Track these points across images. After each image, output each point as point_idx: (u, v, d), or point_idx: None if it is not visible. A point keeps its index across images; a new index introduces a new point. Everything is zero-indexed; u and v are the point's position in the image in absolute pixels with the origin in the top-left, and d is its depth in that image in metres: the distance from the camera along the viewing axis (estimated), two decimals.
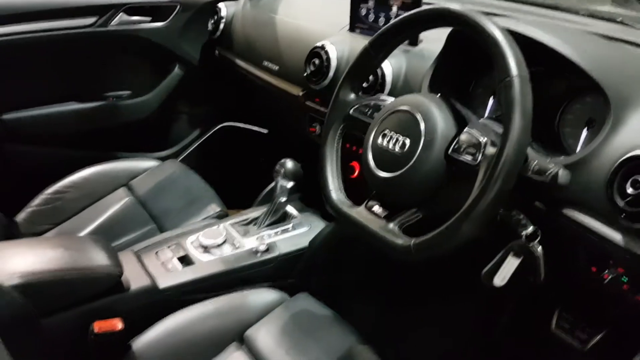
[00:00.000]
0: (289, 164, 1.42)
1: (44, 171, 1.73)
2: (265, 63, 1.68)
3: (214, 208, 1.61)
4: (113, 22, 1.87)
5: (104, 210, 1.65)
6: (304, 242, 1.40)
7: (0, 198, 1.54)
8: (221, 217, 1.58)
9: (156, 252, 1.36)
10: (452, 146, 0.92)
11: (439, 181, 0.93)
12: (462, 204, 0.86)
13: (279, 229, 1.44)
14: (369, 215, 1.00)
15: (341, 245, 1.40)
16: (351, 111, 1.11)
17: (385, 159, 0.98)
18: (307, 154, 1.59)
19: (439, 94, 1.02)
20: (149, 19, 1.93)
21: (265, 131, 2.23)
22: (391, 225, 0.96)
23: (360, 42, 1.38)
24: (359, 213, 1.02)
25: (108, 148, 2.00)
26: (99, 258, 1.18)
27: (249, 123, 2.23)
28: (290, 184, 1.42)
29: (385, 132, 0.99)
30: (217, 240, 1.35)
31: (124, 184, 1.75)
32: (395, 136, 0.97)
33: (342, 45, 1.42)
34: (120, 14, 1.87)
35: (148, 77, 2.04)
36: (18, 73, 1.82)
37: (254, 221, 1.48)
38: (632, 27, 1.17)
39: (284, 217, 1.48)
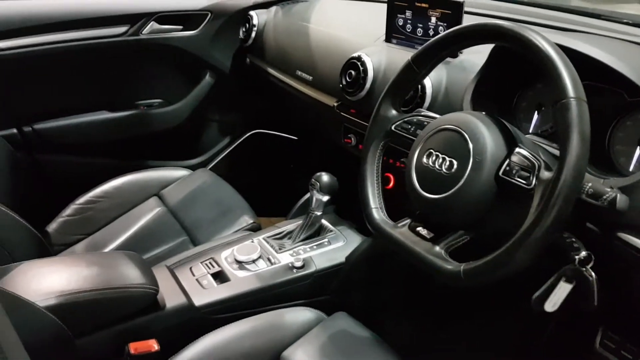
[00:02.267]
0: (325, 177, 1.39)
1: (75, 181, 1.73)
2: (299, 73, 1.65)
3: (247, 220, 1.58)
4: (144, 31, 1.86)
5: (135, 221, 1.64)
6: (340, 257, 1.37)
7: (32, 208, 1.52)
8: (254, 229, 1.56)
9: (190, 268, 1.34)
10: (502, 167, 0.88)
11: (488, 204, 0.90)
12: (512, 227, 0.83)
13: (314, 244, 1.41)
14: (414, 237, 0.97)
15: (379, 261, 1.37)
16: (392, 127, 1.08)
17: (430, 179, 0.94)
18: (341, 163, 1.56)
19: (484, 112, 0.98)
20: (180, 27, 1.92)
21: (295, 138, 2.22)
22: (437, 248, 0.92)
23: (397, 53, 1.37)
24: (403, 234, 0.98)
25: (139, 157, 2.00)
26: (134, 276, 1.16)
27: (279, 130, 2.21)
28: (326, 198, 1.39)
29: (431, 151, 0.95)
30: (252, 255, 1.33)
31: (155, 194, 1.75)
32: (441, 156, 0.93)
33: (378, 57, 1.38)
34: (152, 22, 1.87)
35: (179, 86, 2.03)
36: (50, 82, 1.82)
37: (288, 235, 1.45)
38: None
39: (319, 231, 1.45)
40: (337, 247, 1.41)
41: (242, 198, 1.71)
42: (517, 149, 0.89)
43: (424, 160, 0.96)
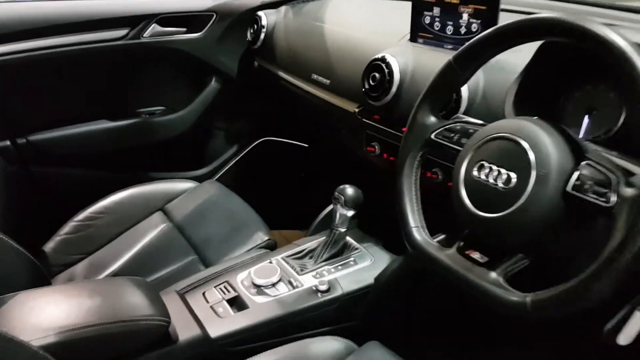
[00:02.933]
0: (350, 190, 1.27)
1: (74, 195, 1.61)
2: (314, 76, 1.54)
3: (261, 237, 1.46)
4: (146, 34, 1.76)
5: (139, 238, 1.53)
6: (369, 279, 1.25)
7: (27, 226, 1.44)
8: (270, 247, 1.44)
9: (203, 293, 1.22)
10: (570, 182, 0.76)
11: (553, 224, 0.78)
12: (583, 250, 0.74)
13: (339, 264, 1.29)
14: (465, 262, 0.86)
15: (412, 281, 1.25)
16: (432, 135, 0.96)
17: (484, 195, 0.83)
18: (361, 174, 1.45)
19: (536, 116, 0.87)
20: (183, 29, 1.82)
21: (305, 145, 2.12)
22: (494, 274, 0.81)
23: (425, 53, 1.26)
24: (451, 258, 0.87)
25: (141, 168, 1.91)
26: (142, 306, 1.04)
27: (288, 138, 2.12)
28: (351, 213, 1.27)
29: (483, 163, 0.84)
30: (272, 278, 1.21)
31: (159, 208, 1.63)
32: (495, 168, 0.82)
33: (404, 57, 1.27)
34: (153, 25, 1.77)
35: (183, 92, 1.93)
36: (45, 90, 1.73)
37: (309, 254, 1.34)
38: None
39: (343, 249, 1.33)
40: (364, 267, 1.29)
41: (254, 212, 1.59)
42: (586, 161, 0.77)
43: (475, 173, 0.84)
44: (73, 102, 1.77)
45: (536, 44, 1.01)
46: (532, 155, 0.78)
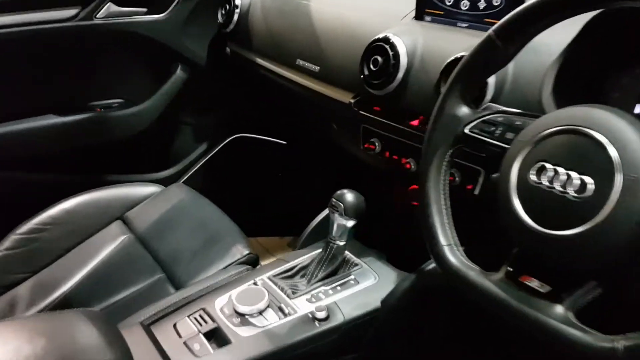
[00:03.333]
0: (350, 196, 1.07)
1: (16, 204, 1.44)
2: (300, 63, 1.34)
3: (241, 250, 1.26)
4: (99, 15, 1.55)
5: (94, 253, 1.34)
6: (374, 302, 1.06)
7: None
8: (252, 262, 1.24)
9: (174, 325, 1.01)
10: None
11: None
12: None
13: (338, 284, 1.09)
14: (519, 291, 0.67)
15: (427, 306, 1.05)
16: (467, 129, 0.77)
17: (548, 207, 0.64)
18: (357, 175, 1.26)
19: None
20: (144, 10, 1.62)
21: (283, 143, 1.95)
22: (560, 309, 0.63)
23: (437, 32, 1.09)
24: (500, 286, 0.69)
25: (95, 171, 1.72)
26: (97, 348, 0.81)
27: (265, 134, 1.95)
28: (351, 223, 1.07)
29: (544, 164, 0.65)
30: (258, 304, 1.00)
31: (118, 217, 1.45)
32: (563, 172, 0.63)
33: (411, 37, 1.08)
34: (109, 4, 1.55)
35: (144, 82, 1.74)
36: None
37: (301, 272, 1.13)
38: None
39: (341, 265, 1.13)
40: (367, 287, 1.09)
41: (230, 220, 1.40)
42: None
43: (533, 177, 0.66)
44: (13, 94, 1.56)
45: (581, 19, 0.84)
46: (614, 153, 0.60)
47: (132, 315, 1.07)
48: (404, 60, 1.06)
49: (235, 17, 1.59)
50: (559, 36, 0.86)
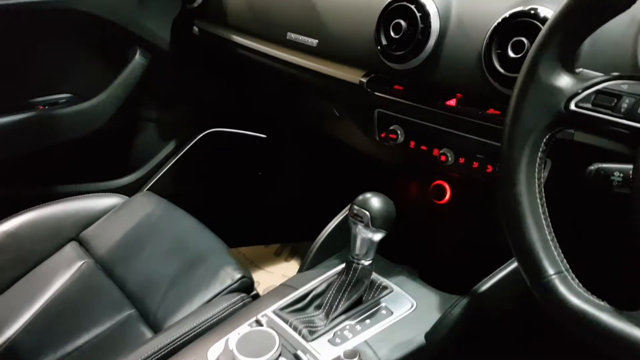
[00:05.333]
0: (377, 202, 0.83)
1: None
2: (293, 37, 1.11)
3: (231, 274, 1.03)
4: None
5: (45, 286, 1.14)
6: (417, 336, 0.83)
7: None
8: (246, 288, 1.01)
9: None
10: None
11: None
12: None
13: (366, 316, 0.86)
14: None
15: (484, 337, 0.83)
16: (573, 105, 0.55)
17: None
18: (359, 169, 1.06)
19: None
20: None
21: (263, 136, 1.78)
22: None
23: None
24: None
25: (42, 182, 1.54)
26: None
27: (241, 127, 1.77)
28: (378, 236, 0.84)
29: None
30: (268, 355, 0.75)
31: (72, 238, 1.26)
32: None
33: None
34: None
35: (96, 72, 1.54)
36: None
37: (315, 301, 0.89)
38: None
39: (365, 290, 0.89)
40: (405, 318, 0.86)
41: (213, 235, 1.18)
42: None
43: None
44: None
45: None
46: None
47: None
48: (435, 24, 0.86)
49: None
50: None
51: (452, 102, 0.86)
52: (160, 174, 1.69)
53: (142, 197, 1.35)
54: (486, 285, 0.81)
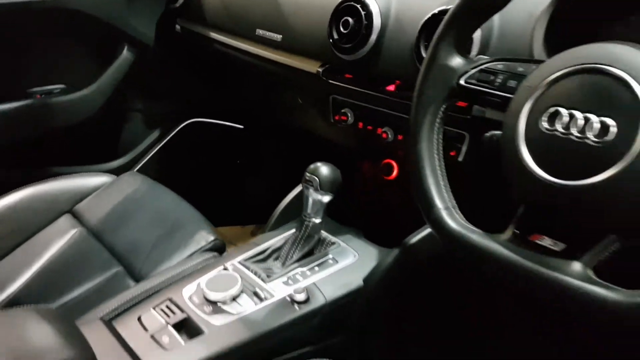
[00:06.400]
0: (325, 169, 0.99)
1: None
2: (260, 32, 1.25)
3: (205, 237, 1.17)
4: None
5: (42, 250, 1.23)
6: (356, 281, 0.99)
7: None
8: (218, 248, 1.15)
9: (139, 318, 0.92)
10: None
11: None
12: None
13: (315, 264, 1.02)
14: (530, 251, 0.61)
15: (413, 283, 0.99)
16: (462, 81, 0.71)
17: (563, 155, 0.59)
18: (323, 153, 1.20)
19: None
20: None
21: (241, 127, 1.87)
22: (578, 266, 0.57)
23: None
24: (509, 247, 0.62)
25: (38, 163, 1.61)
26: (54, 347, 0.72)
27: (221, 118, 1.86)
28: (327, 198, 1.00)
29: (558, 109, 0.59)
30: (231, 291, 0.91)
31: (67, 211, 1.34)
32: (581, 115, 0.57)
33: None
34: None
35: (87, 65, 1.62)
36: None
37: (274, 254, 1.05)
38: None
39: (317, 245, 1.05)
40: (348, 266, 1.02)
41: (190, 206, 1.31)
42: None
43: (545, 124, 0.60)
44: None
45: None
46: None
47: (90, 312, 0.97)
48: (377, 21, 1.01)
49: None
50: None
51: (391, 88, 1.01)
52: (146, 159, 1.77)
53: (128, 176, 1.44)
54: (414, 239, 0.96)
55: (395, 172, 1.20)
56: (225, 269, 1.00)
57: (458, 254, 0.68)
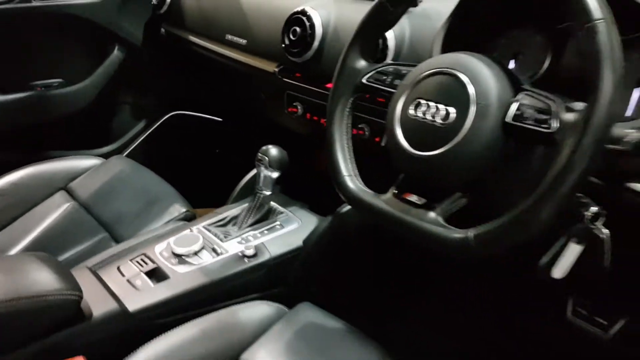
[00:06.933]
0: (274, 150, 1.21)
1: None
2: (229, 37, 1.46)
3: (178, 209, 1.37)
4: None
5: (40, 220, 1.40)
6: (297, 242, 1.20)
7: None
8: (189, 218, 1.35)
9: (118, 267, 1.12)
10: (510, 112, 0.74)
11: (493, 157, 0.75)
12: (521, 184, 0.73)
13: (265, 228, 1.23)
14: (402, 205, 0.82)
15: (341, 243, 1.20)
16: (364, 80, 0.92)
17: (421, 134, 0.79)
18: (282, 139, 1.40)
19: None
20: None
21: (219, 120, 2.04)
22: (432, 214, 0.78)
23: (348, 5, 1.24)
24: (388, 203, 0.83)
25: (37, 147, 1.76)
26: (50, 281, 0.92)
27: (201, 111, 2.02)
28: (275, 174, 1.21)
29: (419, 101, 0.80)
30: (193, 247, 1.12)
31: (61, 187, 1.51)
32: (433, 105, 0.78)
33: (326, 10, 1.23)
34: None
35: (82, 62, 1.79)
36: None
37: (233, 221, 1.26)
38: None
39: (268, 214, 1.27)
40: (291, 230, 1.23)
41: (168, 184, 1.49)
42: (525, 92, 0.75)
43: (411, 112, 0.81)
44: None
45: None
46: (471, 88, 0.75)
47: (80, 264, 1.16)
48: (319, 31, 1.20)
49: None
50: (448, 5, 1.02)
51: (330, 85, 1.18)
52: (133, 146, 1.92)
53: (116, 159, 1.62)
54: (343, 209, 1.18)
55: None
56: (191, 231, 1.21)
57: (357, 210, 0.89)
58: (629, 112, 0.86)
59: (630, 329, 1.08)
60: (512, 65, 1.02)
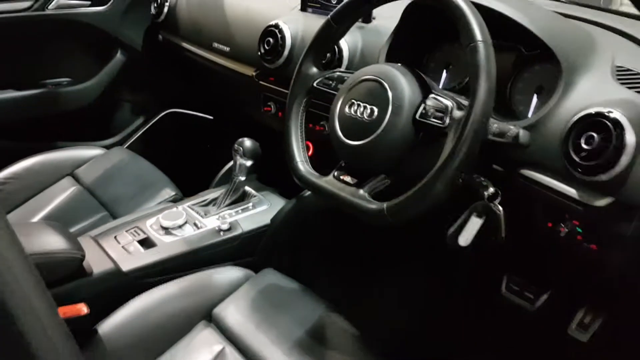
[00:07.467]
0: (248, 142, 1.42)
1: None
2: (215, 45, 1.66)
3: (169, 192, 1.58)
4: (50, 6, 1.80)
5: (49, 200, 1.58)
6: (266, 220, 1.41)
7: None
8: (177, 200, 1.55)
9: (115, 237, 1.32)
10: (419, 111, 0.95)
11: (406, 147, 0.96)
12: (429, 167, 0.89)
13: (240, 208, 1.44)
14: (339, 184, 1.01)
15: (302, 221, 1.42)
16: (314, 84, 1.12)
17: (353, 128, 1.00)
18: (261, 135, 1.59)
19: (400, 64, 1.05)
20: (88, 2, 1.87)
21: (210, 118, 2.21)
22: (361, 191, 0.97)
23: (313, 20, 1.42)
24: (328, 182, 1.03)
25: (48, 138, 1.92)
26: (58, 242, 1.13)
27: (194, 110, 2.19)
28: (249, 163, 1.42)
29: (353, 101, 1.00)
30: (178, 221, 1.33)
31: (68, 174, 1.68)
32: (362, 105, 0.99)
33: (295, 24, 1.43)
34: None
35: (88, 64, 1.97)
36: None
37: (213, 202, 1.47)
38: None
39: (243, 197, 1.48)
40: (262, 211, 1.44)
41: (162, 173, 1.69)
42: (432, 95, 0.96)
43: (347, 110, 1.01)
44: None
45: None
46: (390, 92, 0.96)
47: (84, 234, 1.37)
48: (288, 42, 1.40)
49: (166, 9, 1.87)
50: (394, 22, 1.21)
51: None
52: (132, 139, 2.09)
53: (117, 150, 1.82)
54: (306, 193, 1.39)
55: (311, 151, 1.57)
56: (177, 209, 1.42)
57: (306, 188, 1.09)
58: (529, 114, 1.08)
59: (553, 301, 1.28)
60: (444, 74, 1.23)
